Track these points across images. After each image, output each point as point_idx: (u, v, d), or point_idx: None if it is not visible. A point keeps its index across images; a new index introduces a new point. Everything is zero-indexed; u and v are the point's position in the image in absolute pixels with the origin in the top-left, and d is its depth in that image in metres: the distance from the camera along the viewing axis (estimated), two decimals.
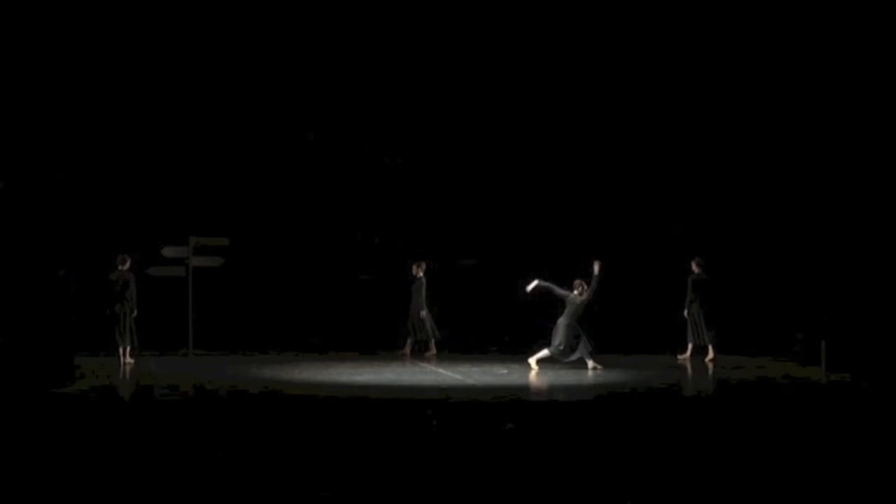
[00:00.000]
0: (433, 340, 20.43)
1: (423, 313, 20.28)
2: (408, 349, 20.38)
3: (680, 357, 19.55)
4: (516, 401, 14.64)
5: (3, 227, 15.75)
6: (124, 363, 18.80)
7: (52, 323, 15.43)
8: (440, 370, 18.07)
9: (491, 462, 10.53)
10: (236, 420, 12.87)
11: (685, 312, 19.60)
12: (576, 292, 17.86)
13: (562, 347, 17.76)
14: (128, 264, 19.28)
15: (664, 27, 21.84)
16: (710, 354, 19.32)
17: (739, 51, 21.63)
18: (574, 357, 17.81)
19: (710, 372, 18.47)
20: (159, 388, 15.92)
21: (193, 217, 21.24)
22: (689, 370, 18.65)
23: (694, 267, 19.75)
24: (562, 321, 17.85)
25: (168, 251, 20.19)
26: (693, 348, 19.50)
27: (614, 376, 17.34)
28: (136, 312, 19.05)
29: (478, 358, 19.54)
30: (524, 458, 10.75)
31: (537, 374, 17.49)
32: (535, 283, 18.21)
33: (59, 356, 15.42)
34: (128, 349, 19.03)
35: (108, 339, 19.06)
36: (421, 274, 20.44)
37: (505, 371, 17.88)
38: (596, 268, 17.81)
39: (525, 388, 16.17)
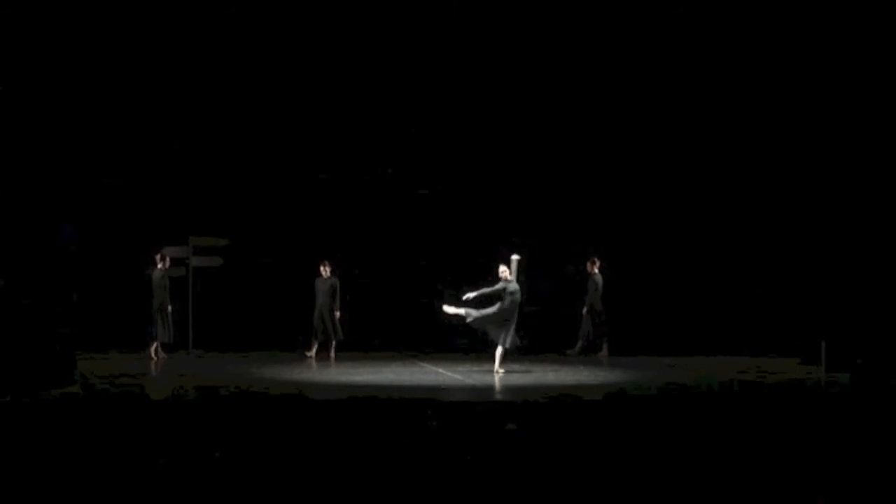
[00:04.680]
0: (321, 341, 20.25)
1: (338, 314, 20.17)
2: (332, 351, 20.18)
3: (599, 354, 20.25)
4: (516, 401, 14.64)
5: (3, 226, 15.76)
6: (158, 357, 19.46)
7: (51, 323, 15.42)
8: (440, 370, 18.08)
9: (491, 462, 10.53)
10: (236, 420, 12.87)
11: (584, 310, 20.39)
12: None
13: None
14: (167, 263, 19.74)
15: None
16: (578, 348, 20.34)
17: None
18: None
19: (582, 366, 18.89)
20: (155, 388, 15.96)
21: (193, 217, 21.27)
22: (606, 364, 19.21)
23: (590, 267, 20.47)
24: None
25: (168, 251, 20.24)
26: (608, 346, 20.34)
27: (614, 376, 17.36)
28: (170, 308, 19.66)
29: (477, 358, 19.54)
30: (524, 458, 10.76)
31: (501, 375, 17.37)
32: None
33: (59, 356, 15.41)
34: (160, 345, 19.68)
35: (149, 335, 19.64)
36: (328, 272, 20.32)
37: (504, 371, 17.87)
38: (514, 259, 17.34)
39: (525, 389, 16.15)
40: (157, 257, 19.82)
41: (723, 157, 22.11)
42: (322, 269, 20.31)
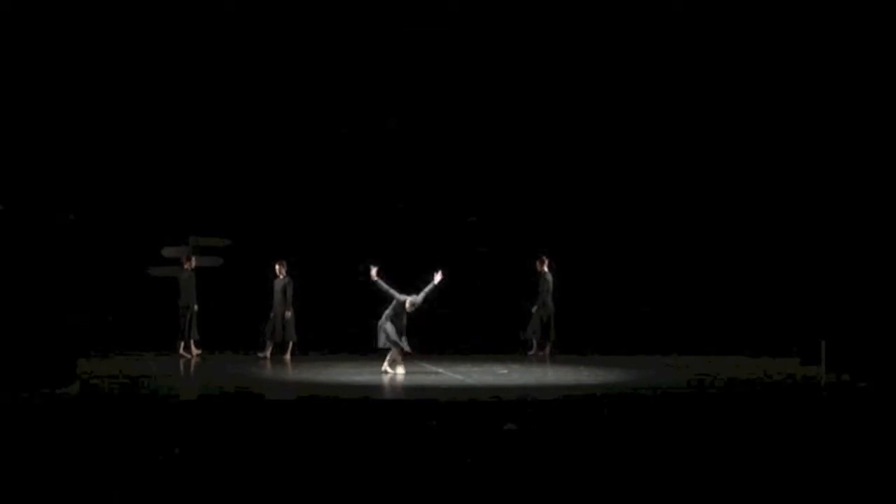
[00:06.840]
0: (277, 342, 19.94)
1: (289, 314, 19.95)
2: (268, 352, 19.87)
3: (529, 353, 20.43)
4: (516, 401, 14.63)
5: (2, 226, 15.78)
6: (193, 355, 19.56)
7: (51, 322, 15.43)
8: (440, 370, 18.07)
9: (491, 462, 10.53)
10: (236, 421, 12.86)
11: (534, 308, 20.52)
12: (407, 299, 17.13)
13: (395, 337, 17.22)
14: (193, 262, 19.81)
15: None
16: (534, 350, 20.48)
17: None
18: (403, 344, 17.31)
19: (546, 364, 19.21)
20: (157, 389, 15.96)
21: (193, 217, 21.28)
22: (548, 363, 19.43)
23: (540, 266, 20.59)
24: (383, 320, 17.27)
25: (168, 251, 20.27)
26: (538, 344, 20.54)
27: (614, 376, 17.35)
28: (196, 308, 19.79)
29: (476, 358, 19.55)
30: (524, 458, 10.76)
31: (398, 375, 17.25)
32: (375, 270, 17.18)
33: (59, 356, 15.41)
34: (193, 342, 19.78)
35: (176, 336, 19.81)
36: (284, 273, 20.13)
37: (505, 371, 17.88)
38: (437, 277, 17.22)
39: (524, 389, 16.12)
40: (184, 257, 19.91)
41: (724, 158, 22.13)
42: (278, 269, 20.18)
